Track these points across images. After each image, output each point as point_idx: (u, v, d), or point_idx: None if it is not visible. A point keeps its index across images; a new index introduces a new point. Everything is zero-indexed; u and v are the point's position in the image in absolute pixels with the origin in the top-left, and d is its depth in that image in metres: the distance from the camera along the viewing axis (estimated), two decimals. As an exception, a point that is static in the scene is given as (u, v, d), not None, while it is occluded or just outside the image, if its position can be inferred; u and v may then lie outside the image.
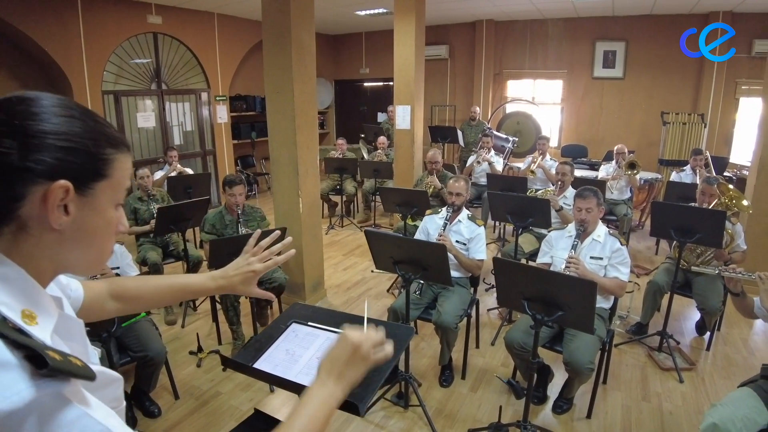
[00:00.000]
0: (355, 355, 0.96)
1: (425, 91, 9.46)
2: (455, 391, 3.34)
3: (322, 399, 0.91)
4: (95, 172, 0.72)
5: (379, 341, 1.00)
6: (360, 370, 0.98)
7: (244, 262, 1.30)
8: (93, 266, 0.80)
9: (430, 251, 2.73)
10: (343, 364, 0.95)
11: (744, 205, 3.79)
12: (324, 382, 0.94)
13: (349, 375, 0.96)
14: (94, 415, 0.63)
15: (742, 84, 8.13)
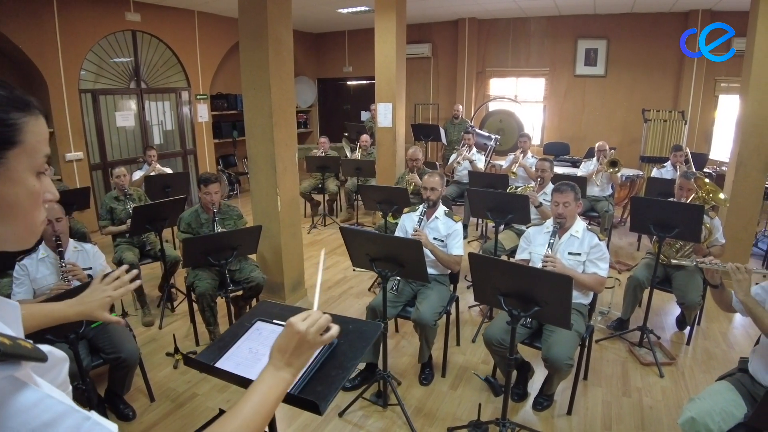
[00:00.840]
0: (301, 341, 1.00)
1: (408, 90, 9.46)
2: (435, 389, 3.30)
3: (272, 383, 0.96)
4: (4, 140, 0.68)
5: (324, 325, 1.04)
6: (308, 355, 1.02)
7: (101, 289, 1.38)
8: (24, 239, 0.76)
9: (406, 248, 2.69)
10: (291, 351, 0.99)
11: (721, 198, 3.81)
12: (274, 368, 0.99)
13: (297, 360, 1.00)
14: (54, 395, 0.63)
15: (721, 81, 8.22)
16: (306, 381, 1.48)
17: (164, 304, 4.32)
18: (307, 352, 1.02)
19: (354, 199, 6.99)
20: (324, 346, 1.58)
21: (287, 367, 0.99)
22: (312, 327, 1.01)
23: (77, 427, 0.63)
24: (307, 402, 1.39)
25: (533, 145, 8.10)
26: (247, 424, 0.88)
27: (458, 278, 3.59)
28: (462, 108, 8.52)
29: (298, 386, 1.47)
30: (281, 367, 0.99)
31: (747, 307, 2.21)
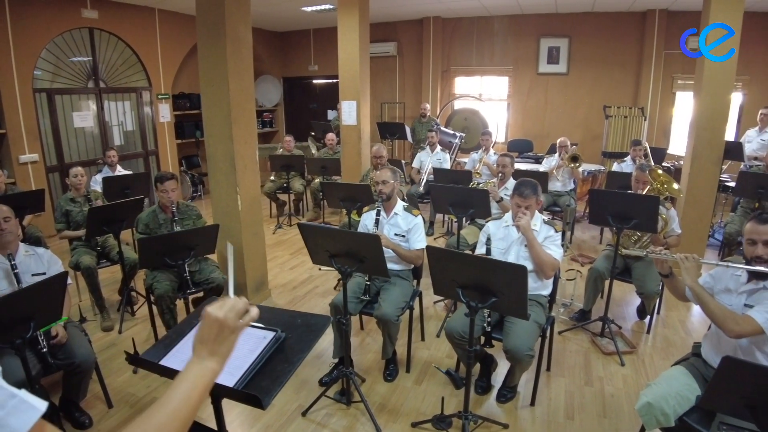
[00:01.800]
0: (221, 328, 0.99)
1: (374, 88, 9.48)
2: (399, 385, 3.29)
3: (198, 373, 0.95)
4: None
5: (242, 309, 1.03)
6: (231, 341, 1.01)
7: None
8: None
9: (365, 243, 2.67)
10: (212, 339, 0.98)
11: (675, 188, 3.90)
12: (198, 358, 0.97)
13: (221, 347, 0.99)
14: None
15: (678, 79, 8.47)
16: (251, 376, 1.44)
17: (124, 308, 4.20)
18: (230, 338, 1.00)
19: (320, 198, 6.94)
20: (271, 340, 1.55)
21: (212, 356, 0.97)
22: (230, 312, 1.00)
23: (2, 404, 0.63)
24: (249, 397, 1.36)
25: (498, 143, 8.18)
26: (175, 415, 0.87)
27: (421, 273, 3.57)
28: (428, 106, 8.55)
29: (242, 382, 1.43)
30: (205, 357, 0.97)
31: (694, 293, 2.26)
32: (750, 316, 2.07)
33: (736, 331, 2.08)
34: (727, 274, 2.34)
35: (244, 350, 1.53)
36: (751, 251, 2.16)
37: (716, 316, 2.15)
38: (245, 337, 1.58)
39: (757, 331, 2.04)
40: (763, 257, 2.11)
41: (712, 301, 2.21)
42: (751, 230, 2.16)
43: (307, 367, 3.46)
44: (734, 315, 2.13)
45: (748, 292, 2.22)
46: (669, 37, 8.28)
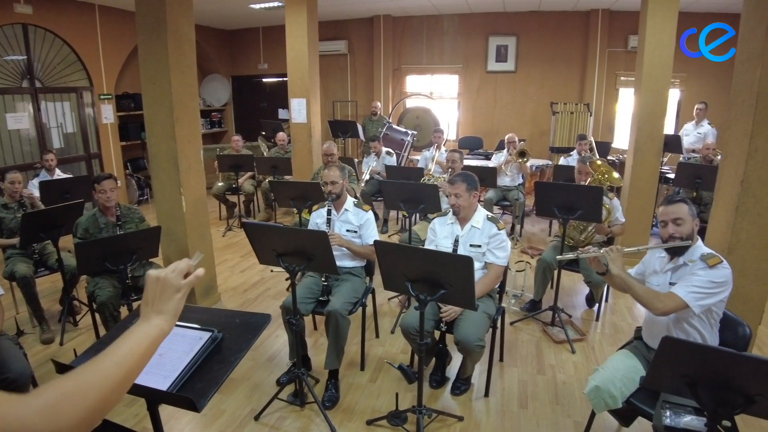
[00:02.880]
0: (164, 287, 0.99)
1: (326, 87, 9.41)
2: (354, 383, 3.25)
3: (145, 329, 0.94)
4: None
5: (184, 268, 1.02)
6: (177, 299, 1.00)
7: None
8: None
9: (312, 240, 2.61)
10: (157, 299, 0.98)
11: (615, 177, 4.03)
12: (145, 319, 0.96)
13: (166, 305, 0.98)
14: None
15: (621, 75, 8.80)
16: (185, 378, 1.38)
17: (65, 318, 3.97)
18: (174, 296, 0.99)
19: (272, 198, 6.81)
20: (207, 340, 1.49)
21: (158, 315, 0.96)
22: (171, 272, 1.00)
23: None
24: (183, 400, 1.30)
25: (449, 141, 8.26)
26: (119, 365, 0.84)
27: (374, 270, 3.54)
28: (380, 105, 8.54)
29: (176, 385, 1.37)
30: (151, 317, 0.96)
31: (620, 280, 2.38)
32: (672, 293, 2.21)
33: (660, 309, 2.20)
34: (654, 257, 2.51)
35: (178, 352, 1.46)
36: (665, 232, 2.33)
37: (642, 298, 2.28)
38: (179, 339, 1.51)
39: (680, 305, 2.17)
40: (675, 235, 2.28)
41: (637, 284, 2.34)
42: (663, 213, 2.34)
43: (260, 370, 3.38)
44: (658, 294, 2.27)
45: (672, 269, 2.37)
46: (612, 36, 8.59)
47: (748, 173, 2.93)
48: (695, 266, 2.26)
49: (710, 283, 2.17)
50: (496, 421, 2.89)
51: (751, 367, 1.60)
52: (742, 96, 3.05)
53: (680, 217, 2.28)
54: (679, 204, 2.30)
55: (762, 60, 2.85)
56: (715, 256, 2.24)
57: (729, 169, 3.15)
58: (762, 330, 3.77)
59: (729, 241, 2.97)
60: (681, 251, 2.32)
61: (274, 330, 3.88)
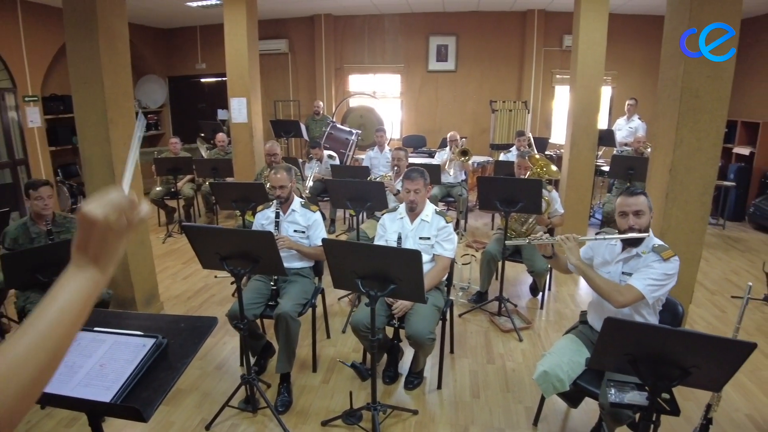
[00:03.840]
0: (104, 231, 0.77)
1: (267, 86, 9.26)
2: (306, 385, 3.20)
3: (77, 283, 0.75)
4: None
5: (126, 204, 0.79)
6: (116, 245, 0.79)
7: None
8: None
9: (257, 241, 2.55)
10: (93, 244, 0.76)
11: (553, 170, 4.20)
12: (77, 267, 0.76)
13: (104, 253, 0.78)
14: None
15: (557, 74, 9.15)
16: (130, 388, 1.31)
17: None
18: (115, 242, 0.79)
19: (213, 202, 6.61)
20: (151, 347, 1.42)
21: (93, 264, 0.77)
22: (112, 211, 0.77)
23: None
24: (129, 410, 1.23)
25: (393, 140, 8.32)
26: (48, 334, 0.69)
27: (323, 270, 3.50)
28: (322, 104, 8.48)
29: (120, 395, 1.29)
30: (85, 266, 0.76)
31: (580, 270, 2.44)
32: (631, 285, 2.28)
33: (621, 301, 2.27)
34: (603, 246, 2.56)
35: (120, 361, 1.38)
36: (624, 222, 2.38)
37: (602, 290, 2.33)
38: (121, 348, 1.43)
39: (638, 297, 2.26)
40: (634, 227, 2.34)
41: (597, 276, 2.40)
42: (622, 203, 2.38)
43: (208, 379, 3.27)
44: (618, 287, 2.33)
45: (624, 260, 2.44)
46: (547, 35, 8.93)
47: (675, 162, 3.12)
48: (648, 258, 2.35)
49: (664, 275, 2.27)
50: (450, 412, 2.93)
51: (684, 341, 1.70)
52: (668, 91, 3.24)
53: (641, 210, 2.35)
54: (639, 196, 2.36)
55: (684, 57, 3.04)
56: (667, 249, 2.34)
57: (658, 159, 3.34)
58: (692, 309, 4.03)
59: (660, 226, 3.15)
60: (637, 242, 2.39)
61: (221, 337, 3.77)
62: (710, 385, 1.83)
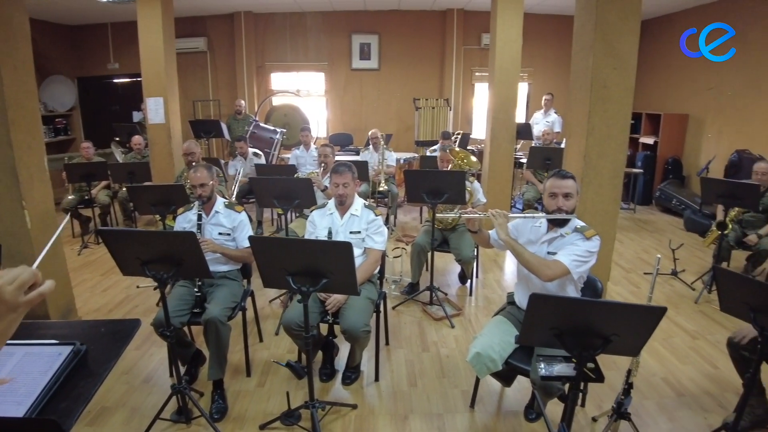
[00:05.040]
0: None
1: (185, 86, 8.92)
2: (241, 390, 3.11)
3: None
4: None
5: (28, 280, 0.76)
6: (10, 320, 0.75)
7: None
8: None
9: (179, 242, 2.43)
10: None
11: (473, 161, 4.38)
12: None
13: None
14: None
15: (476, 71, 9.47)
16: (46, 400, 1.22)
17: None
18: (7, 316, 0.75)
19: (131, 209, 6.26)
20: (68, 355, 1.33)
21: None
22: (8, 284, 0.74)
23: None
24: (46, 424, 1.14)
25: (319, 138, 8.28)
26: None
27: (251, 272, 3.41)
28: (244, 103, 8.25)
29: (34, 409, 1.20)
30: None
31: (510, 246, 2.52)
32: (558, 260, 2.41)
33: (549, 275, 2.39)
34: (528, 227, 2.68)
35: (33, 373, 1.28)
36: (553, 203, 2.50)
37: (531, 264, 2.44)
38: (34, 359, 1.33)
39: (564, 272, 2.39)
40: (562, 208, 2.47)
41: (526, 251, 2.50)
42: (552, 185, 2.50)
43: (136, 393, 3.09)
44: (546, 261, 2.45)
45: (549, 240, 2.57)
46: (467, 34, 9.21)
47: (588, 149, 3.32)
48: (571, 237, 2.49)
49: (587, 252, 2.41)
50: (389, 403, 2.95)
51: (604, 310, 1.83)
52: (579, 82, 3.44)
53: (570, 192, 2.47)
54: (569, 179, 2.49)
55: (593, 50, 3.25)
56: (589, 229, 2.49)
57: (573, 147, 3.55)
58: (610, 286, 4.33)
59: (578, 209, 3.34)
60: (562, 223, 2.52)
61: (147, 349, 3.58)
62: (629, 351, 1.96)
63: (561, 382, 2.19)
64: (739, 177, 5.82)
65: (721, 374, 3.27)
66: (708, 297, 4.42)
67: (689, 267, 5.12)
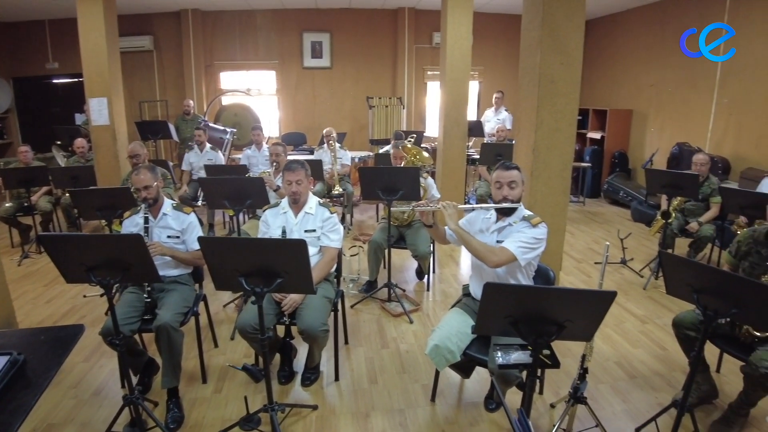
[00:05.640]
0: None
1: (131, 87, 8.64)
2: (197, 397, 3.01)
3: None
4: None
5: None
6: None
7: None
8: None
9: (125, 245, 2.32)
10: None
11: (425, 156, 4.44)
12: None
13: None
14: None
15: (428, 70, 9.57)
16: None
17: None
18: None
19: (75, 215, 5.97)
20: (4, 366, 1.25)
21: None
22: None
23: None
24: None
25: (272, 138, 8.15)
26: None
27: (203, 276, 3.31)
28: (193, 103, 8.00)
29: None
30: None
31: (458, 235, 2.57)
32: (504, 247, 2.46)
33: (495, 261, 2.44)
34: (479, 218, 2.74)
35: (-37, 389, 1.20)
36: (499, 193, 2.56)
37: (479, 252, 2.49)
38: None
39: (511, 258, 2.44)
40: (508, 197, 2.54)
41: (473, 239, 2.55)
42: (498, 176, 2.57)
43: (86, 407, 2.94)
44: (492, 248, 2.51)
45: (498, 230, 2.63)
46: (418, 33, 9.29)
47: (537, 142, 3.40)
48: (519, 226, 2.55)
49: (533, 239, 2.47)
50: (350, 401, 2.94)
51: (557, 297, 1.88)
52: (528, 77, 3.52)
53: (514, 181, 2.53)
54: (513, 170, 2.55)
55: (540, 46, 3.33)
56: (535, 217, 2.56)
57: (522, 141, 3.62)
58: (562, 276, 4.46)
59: (528, 201, 3.43)
60: (509, 212, 2.59)
61: (96, 360, 3.42)
62: (583, 336, 2.02)
63: (518, 370, 2.23)
64: (680, 168, 6.12)
65: (669, 355, 3.43)
66: (655, 283, 4.62)
67: (637, 255, 5.34)
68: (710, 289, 2.02)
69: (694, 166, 4.70)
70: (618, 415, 2.80)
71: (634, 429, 2.64)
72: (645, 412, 2.77)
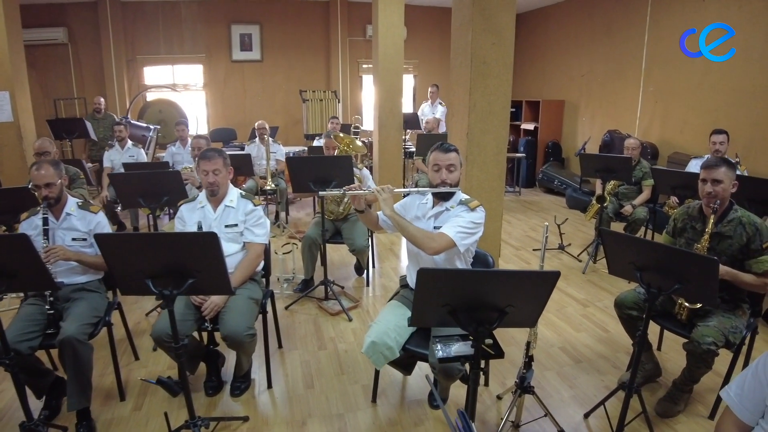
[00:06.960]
0: None
1: (45, 83, 7.98)
2: (114, 417, 2.68)
3: None
4: None
5: None
6: None
7: None
8: None
9: (8, 249, 1.99)
10: None
11: (359, 146, 4.29)
12: None
13: None
14: None
15: (362, 63, 9.44)
16: None
17: None
18: None
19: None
20: None
21: None
22: None
23: None
24: None
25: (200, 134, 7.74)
26: None
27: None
28: (104, 101, 7.18)
29: None
30: None
31: (394, 221, 2.38)
32: (443, 232, 2.31)
33: (434, 247, 2.28)
34: (415, 203, 2.59)
35: None
36: (437, 177, 2.41)
37: (416, 238, 2.32)
38: None
39: (450, 244, 2.29)
40: (446, 181, 2.39)
41: (410, 225, 2.37)
42: (436, 158, 2.41)
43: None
44: (431, 234, 2.35)
45: (435, 215, 2.49)
46: (351, 25, 9.11)
47: (471, 126, 3.28)
48: (456, 210, 2.42)
49: (472, 223, 2.34)
50: (284, 410, 2.72)
51: (497, 280, 1.72)
52: (460, 58, 3.39)
53: (453, 164, 2.39)
54: (452, 152, 2.40)
55: (472, 26, 3.21)
56: (473, 201, 2.44)
57: (456, 125, 3.50)
58: (501, 263, 4.42)
59: (463, 187, 3.30)
60: (447, 197, 2.43)
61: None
62: (526, 322, 1.91)
63: (461, 363, 2.08)
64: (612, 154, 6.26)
65: (611, 337, 3.43)
66: (594, 267, 4.66)
67: (574, 241, 5.40)
68: (653, 265, 1.96)
69: (626, 150, 4.80)
70: (566, 402, 2.74)
71: (583, 414, 2.59)
72: (593, 396, 2.73)
